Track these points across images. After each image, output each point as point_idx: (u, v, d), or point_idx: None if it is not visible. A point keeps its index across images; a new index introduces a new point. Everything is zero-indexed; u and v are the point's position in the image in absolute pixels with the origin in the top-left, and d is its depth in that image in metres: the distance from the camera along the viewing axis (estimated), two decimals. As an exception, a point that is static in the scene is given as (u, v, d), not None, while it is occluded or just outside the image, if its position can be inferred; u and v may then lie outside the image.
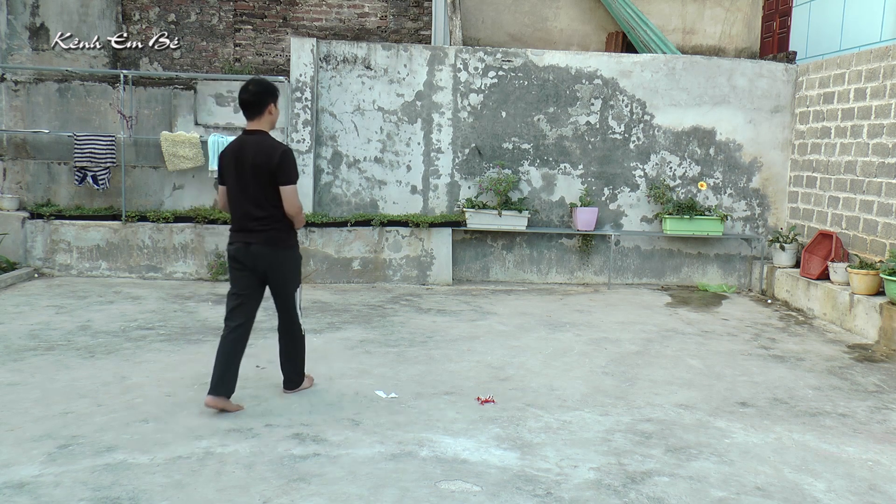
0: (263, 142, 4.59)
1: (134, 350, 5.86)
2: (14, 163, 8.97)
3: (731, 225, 9.40)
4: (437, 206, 9.23)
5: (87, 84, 9.01)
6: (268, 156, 4.52)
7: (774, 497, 3.77)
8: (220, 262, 8.63)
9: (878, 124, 7.59)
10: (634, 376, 5.66)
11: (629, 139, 9.27)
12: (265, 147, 4.56)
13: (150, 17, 9.89)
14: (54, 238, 8.59)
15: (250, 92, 4.58)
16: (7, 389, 4.90)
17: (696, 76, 9.23)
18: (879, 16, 8.24)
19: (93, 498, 3.50)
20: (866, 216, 7.72)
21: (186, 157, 8.68)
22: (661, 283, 9.40)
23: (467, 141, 9.18)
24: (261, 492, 3.61)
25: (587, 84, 9.19)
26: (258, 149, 4.54)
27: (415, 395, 5.06)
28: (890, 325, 6.68)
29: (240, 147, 4.59)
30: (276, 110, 4.67)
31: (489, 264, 9.28)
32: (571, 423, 4.66)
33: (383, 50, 9.05)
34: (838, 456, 4.31)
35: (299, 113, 8.87)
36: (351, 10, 10.23)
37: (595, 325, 7.19)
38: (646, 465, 4.08)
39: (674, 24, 10.83)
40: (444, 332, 6.75)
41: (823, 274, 7.98)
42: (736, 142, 9.32)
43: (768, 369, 5.96)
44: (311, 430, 4.35)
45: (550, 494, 3.69)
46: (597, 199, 9.27)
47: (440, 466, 3.96)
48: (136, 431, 4.28)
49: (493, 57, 9.13)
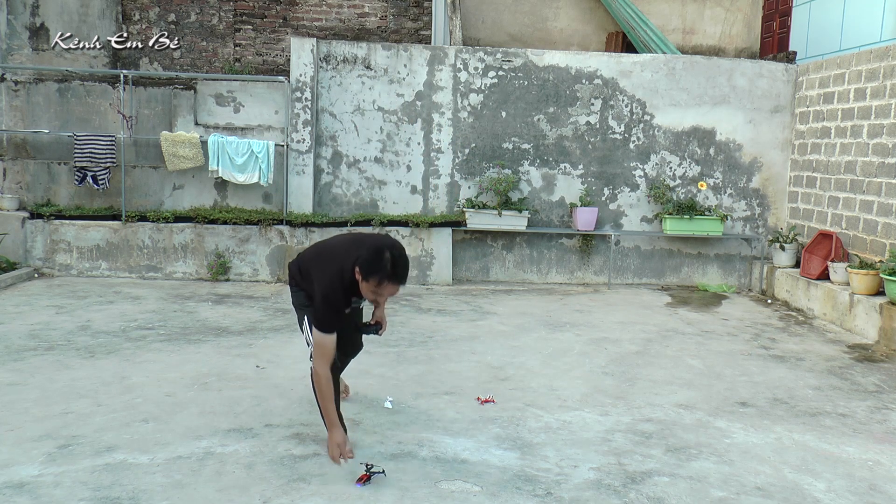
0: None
1: (134, 350, 5.86)
2: (14, 163, 8.97)
3: (731, 225, 9.40)
4: (437, 206, 9.23)
5: (87, 84, 9.02)
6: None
7: (774, 497, 3.77)
8: (219, 262, 8.63)
9: (878, 124, 7.59)
10: (634, 376, 5.66)
11: (629, 139, 9.27)
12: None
13: (150, 17, 9.89)
14: (54, 238, 8.59)
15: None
16: (7, 389, 4.90)
17: (696, 76, 9.23)
18: (879, 16, 8.24)
19: (93, 498, 3.50)
20: (866, 216, 7.72)
21: (186, 157, 8.68)
22: (661, 283, 9.40)
23: (467, 141, 9.18)
24: (261, 492, 3.61)
25: (587, 84, 9.19)
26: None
27: (415, 395, 5.06)
28: (890, 325, 6.68)
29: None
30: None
31: (489, 264, 9.28)
32: (571, 423, 4.66)
33: (383, 50, 9.05)
34: (838, 456, 4.31)
35: (299, 113, 8.87)
36: (351, 10, 10.23)
37: (595, 325, 7.19)
38: (646, 465, 4.08)
39: (674, 24, 10.84)
40: (444, 332, 6.75)
41: (823, 274, 7.98)
42: (736, 142, 9.32)
43: (768, 369, 5.96)
44: (311, 430, 4.35)
45: (550, 494, 3.69)
46: (597, 199, 9.27)
47: (440, 466, 3.96)
48: (136, 431, 4.28)
49: (493, 57, 9.13)
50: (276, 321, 6.92)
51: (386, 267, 3.70)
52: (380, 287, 3.75)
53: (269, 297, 7.92)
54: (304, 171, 8.86)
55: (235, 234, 8.70)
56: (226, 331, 6.53)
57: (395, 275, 3.72)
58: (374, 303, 4.06)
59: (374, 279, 3.71)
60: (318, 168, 9.06)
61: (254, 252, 8.73)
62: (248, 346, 6.07)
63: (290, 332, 6.50)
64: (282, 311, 7.31)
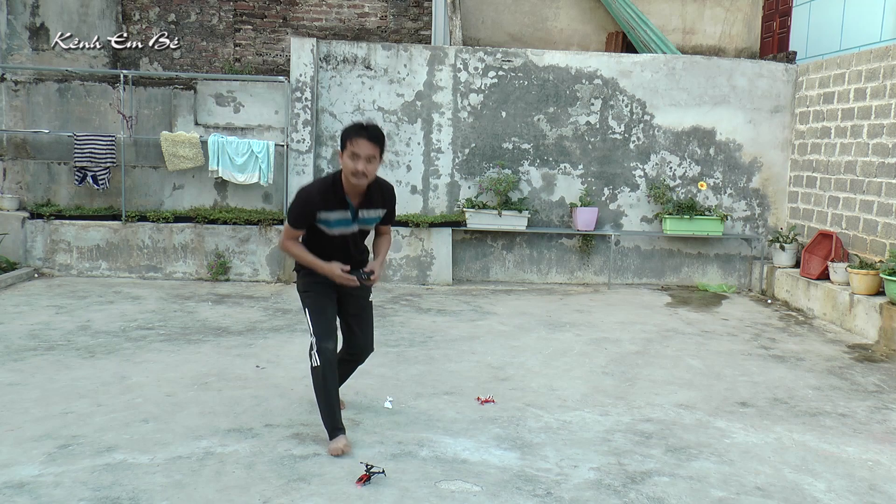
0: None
1: (134, 350, 5.86)
2: (14, 163, 8.97)
3: (731, 225, 9.40)
4: (437, 206, 9.23)
5: (87, 84, 9.02)
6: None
7: (774, 497, 3.77)
8: (219, 262, 8.64)
9: (878, 124, 7.59)
10: (634, 376, 5.66)
11: (629, 139, 9.27)
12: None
13: (150, 17, 9.89)
14: (54, 238, 8.59)
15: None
16: (7, 389, 4.90)
17: (696, 76, 9.23)
18: (879, 16, 8.24)
19: (93, 498, 3.50)
20: (866, 216, 7.72)
21: (186, 157, 8.68)
22: (661, 283, 9.40)
23: (467, 141, 9.18)
24: (261, 492, 3.61)
25: (587, 84, 9.19)
26: None
27: (415, 395, 5.06)
28: (890, 325, 6.67)
29: None
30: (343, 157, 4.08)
31: (489, 264, 9.28)
32: (571, 423, 4.66)
33: (383, 50, 9.05)
34: (838, 456, 4.31)
35: (299, 113, 8.87)
36: (351, 10, 10.23)
37: (595, 325, 7.19)
38: (646, 465, 4.08)
39: (674, 24, 10.84)
40: (444, 332, 6.75)
41: (823, 274, 7.98)
42: (736, 142, 9.32)
43: (768, 369, 5.96)
44: (311, 430, 4.35)
45: (550, 494, 3.69)
46: (597, 199, 9.27)
47: (440, 466, 3.96)
48: (136, 431, 4.28)
49: (493, 57, 9.13)
50: (276, 321, 6.92)
51: (352, 127, 4.01)
52: (354, 146, 3.94)
53: (269, 297, 7.92)
54: (304, 171, 8.86)
55: (235, 234, 8.70)
56: (226, 331, 6.53)
57: (361, 128, 3.99)
58: (358, 178, 4.00)
59: (347, 142, 3.97)
60: (318, 168, 9.06)
61: (254, 252, 8.73)
62: (248, 346, 6.07)
63: (290, 332, 6.51)
64: (282, 311, 7.31)
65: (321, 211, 4.04)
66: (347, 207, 4.08)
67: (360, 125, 4.01)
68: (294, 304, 7.49)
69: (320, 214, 4.05)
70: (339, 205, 4.06)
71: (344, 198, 4.05)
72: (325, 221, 4.07)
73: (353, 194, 4.08)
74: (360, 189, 4.08)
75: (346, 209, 4.08)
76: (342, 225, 4.12)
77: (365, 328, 4.41)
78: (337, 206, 4.05)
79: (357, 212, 4.12)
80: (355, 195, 4.09)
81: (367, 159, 3.94)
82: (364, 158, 3.94)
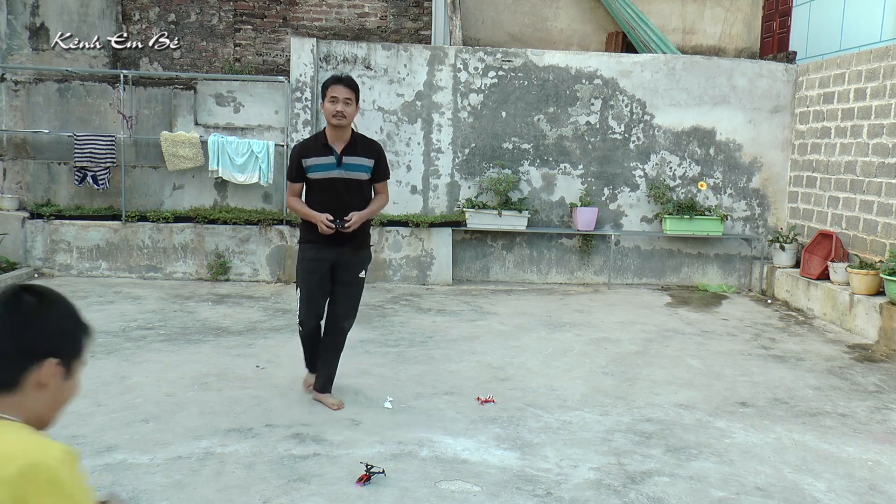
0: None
1: (134, 350, 5.86)
2: (14, 163, 8.97)
3: (731, 225, 9.40)
4: (437, 206, 9.23)
5: (87, 84, 9.02)
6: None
7: (774, 497, 3.77)
8: (220, 262, 8.64)
9: (878, 124, 7.59)
10: (634, 376, 5.66)
11: (629, 139, 9.27)
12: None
13: (150, 17, 9.89)
14: (54, 238, 8.59)
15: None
16: (7, 389, 4.89)
17: (696, 76, 9.23)
18: (879, 16, 8.24)
19: (93, 498, 3.49)
20: (866, 216, 7.72)
21: (186, 157, 8.68)
22: (661, 283, 9.40)
23: (467, 141, 9.18)
24: (261, 492, 3.61)
25: (587, 84, 9.19)
26: None
27: (415, 395, 5.06)
28: (890, 325, 6.67)
29: None
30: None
31: (489, 264, 9.28)
32: (571, 423, 4.66)
33: (383, 50, 9.05)
34: (838, 456, 4.31)
35: (299, 113, 8.87)
36: (351, 10, 10.23)
37: (595, 325, 7.19)
38: (646, 465, 4.08)
39: (674, 24, 10.83)
40: (444, 332, 6.75)
41: (823, 274, 7.98)
42: (736, 142, 9.32)
43: (768, 369, 5.96)
44: (311, 430, 4.35)
45: (550, 494, 3.69)
46: (597, 199, 9.27)
47: (440, 466, 3.96)
48: (135, 431, 4.28)
49: (493, 57, 9.13)
50: (276, 321, 6.92)
51: (329, 78, 4.58)
52: (332, 91, 4.50)
53: (269, 297, 7.92)
54: (304, 171, 8.85)
55: (235, 234, 8.70)
56: (226, 331, 6.53)
57: (338, 77, 4.56)
58: (338, 119, 4.52)
59: (326, 90, 4.52)
60: (318, 168, 9.05)
61: (254, 252, 8.73)
62: (248, 346, 6.07)
63: (290, 332, 6.50)
64: (282, 311, 7.31)
65: (307, 157, 4.60)
66: (332, 153, 4.58)
67: (336, 76, 4.60)
68: (294, 304, 7.48)
69: (306, 161, 4.59)
70: (324, 151, 4.59)
71: (327, 144, 4.59)
72: (311, 168, 4.59)
73: (337, 142, 4.60)
74: (343, 136, 4.60)
75: (330, 154, 4.58)
76: (327, 169, 4.59)
77: (346, 299, 4.77)
78: (322, 152, 4.59)
79: (341, 157, 4.59)
80: (339, 143, 4.60)
81: (344, 101, 4.49)
82: (342, 101, 4.49)
